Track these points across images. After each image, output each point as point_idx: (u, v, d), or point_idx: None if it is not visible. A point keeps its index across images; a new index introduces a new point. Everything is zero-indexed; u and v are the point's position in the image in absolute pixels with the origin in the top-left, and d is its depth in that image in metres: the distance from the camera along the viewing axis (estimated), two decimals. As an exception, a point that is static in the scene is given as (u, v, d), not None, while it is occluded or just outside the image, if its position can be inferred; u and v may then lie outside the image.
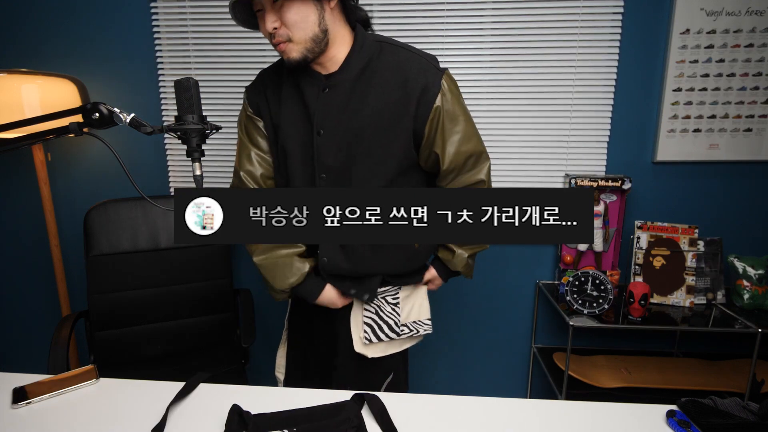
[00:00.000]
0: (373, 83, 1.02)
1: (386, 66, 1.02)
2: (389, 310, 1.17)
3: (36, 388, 0.91)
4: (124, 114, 0.82)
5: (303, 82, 1.05)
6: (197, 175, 0.89)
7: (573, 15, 1.67)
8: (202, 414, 0.86)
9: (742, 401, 0.84)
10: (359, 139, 1.03)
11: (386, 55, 1.03)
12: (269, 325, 2.02)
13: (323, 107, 1.03)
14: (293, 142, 1.07)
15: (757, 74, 1.67)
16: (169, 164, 1.92)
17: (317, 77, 1.04)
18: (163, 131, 0.86)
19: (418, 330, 1.20)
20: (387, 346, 1.18)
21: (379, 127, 1.02)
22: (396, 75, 1.01)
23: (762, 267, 1.67)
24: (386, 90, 1.01)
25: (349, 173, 1.05)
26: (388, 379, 1.22)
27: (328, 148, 1.04)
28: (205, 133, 0.89)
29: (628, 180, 1.67)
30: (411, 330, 1.19)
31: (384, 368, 1.21)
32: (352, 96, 1.02)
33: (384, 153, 1.04)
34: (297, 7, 0.94)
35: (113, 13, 1.80)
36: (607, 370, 1.72)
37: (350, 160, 1.04)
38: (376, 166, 1.05)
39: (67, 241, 1.96)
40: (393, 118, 1.02)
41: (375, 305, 1.17)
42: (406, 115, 1.02)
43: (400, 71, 1.02)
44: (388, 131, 1.03)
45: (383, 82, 1.02)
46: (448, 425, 0.83)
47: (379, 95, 1.02)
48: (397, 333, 1.16)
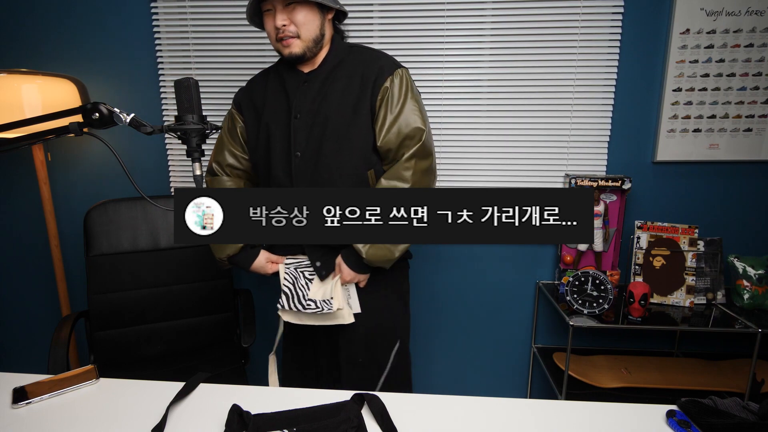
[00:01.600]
0: (340, 75, 1.20)
1: (352, 62, 1.21)
2: (303, 283, 1.26)
3: (36, 388, 0.91)
4: (124, 114, 0.82)
5: (287, 78, 1.23)
6: (197, 175, 0.89)
7: (573, 15, 1.67)
8: (202, 414, 0.86)
9: (742, 401, 0.84)
10: (326, 122, 1.18)
11: (354, 54, 1.23)
12: (269, 325, 2.02)
13: (300, 96, 1.20)
14: (275, 125, 1.23)
15: (757, 74, 1.67)
16: (169, 164, 1.92)
17: (299, 74, 1.22)
18: (163, 131, 0.86)
19: (323, 308, 1.21)
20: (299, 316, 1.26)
21: (342, 111, 1.18)
22: (359, 68, 1.20)
23: (762, 267, 1.67)
24: (350, 81, 1.19)
25: (319, 151, 1.19)
26: (395, 347, 1.32)
27: (302, 129, 1.20)
28: (205, 133, 0.89)
29: (628, 180, 1.67)
30: (318, 307, 1.22)
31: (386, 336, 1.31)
32: (323, 87, 1.20)
33: (348, 133, 1.18)
34: (306, 11, 1.13)
35: (113, 13, 1.80)
36: (607, 370, 1.72)
37: (320, 140, 1.19)
38: (341, 145, 1.18)
39: (67, 241, 1.96)
40: (355, 103, 1.18)
41: (293, 276, 1.27)
42: (364, 98, 1.18)
43: (362, 66, 1.20)
44: (350, 115, 1.18)
45: (348, 74, 1.20)
46: (448, 425, 0.83)
47: (344, 85, 1.19)
48: (303, 306, 1.23)
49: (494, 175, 1.83)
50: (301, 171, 1.20)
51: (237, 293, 1.76)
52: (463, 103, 1.77)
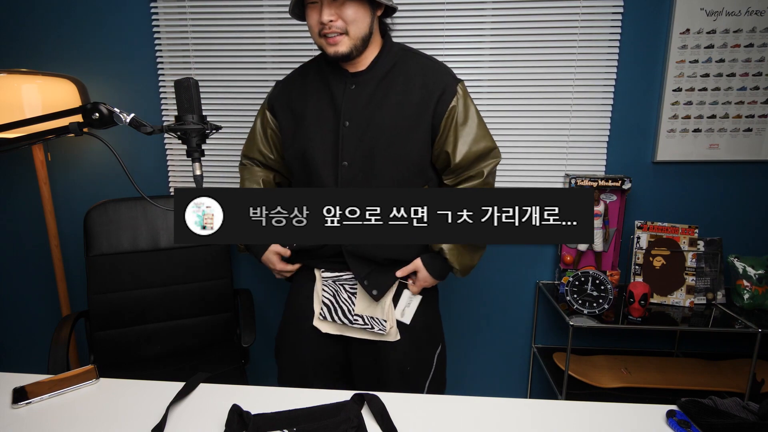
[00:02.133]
0: (397, 83, 1.13)
1: (410, 69, 1.14)
2: (345, 296, 1.22)
3: (36, 388, 0.91)
4: (124, 114, 0.81)
5: (331, 79, 1.16)
6: (197, 175, 0.89)
7: (573, 15, 1.67)
8: (202, 414, 0.86)
9: (742, 401, 0.84)
10: (381, 132, 1.12)
11: (410, 60, 1.16)
12: (269, 325, 2.02)
13: (350, 101, 1.13)
14: (319, 130, 1.16)
15: (757, 74, 1.67)
16: (169, 164, 1.92)
17: (345, 74, 1.15)
18: (163, 131, 0.86)
19: (373, 326, 1.18)
20: (341, 329, 1.22)
21: (400, 122, 1.12)
22: (418, 78, 1.13)
23: (762, 267, 1.67)
24: (408, 89, 1.13)
25: (371, 162, 1.13)
26: (438, 350, 1.29)
27: (352, 138, 1.13)
28: (205, 133, 0.89)
29: (628, 180, 1.67)
30: (366, 323, 1.19)
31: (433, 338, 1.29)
32: (377, 93, 1.13)
33: (403, 147, 1.13)
34: (357, 7, 1.04)
35: (113, 13, 1.80)
36: (607, 370, 1.72)
37: (372, 151, 1.13)
38: (396, 157, 1.13)
39: (67, 241, 1.96)
40: (413, 115, 1.12)
41: (332, 289, 1.23)
42: (426, 112, 1.12)
43: (422, 75, 1.13)
44: (408, 127, 1.13)
45: (406, 82, 1.13)
46: (448, 425, 0.83)
47: (401, 93, 1.12)
48: (350, 320, 1.20)
49: (494, 175, 1.82)
50: (349, 181, 1.14)
51: (237, 293, 1.76)
52: (463, 103, 1.77)
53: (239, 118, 1.84)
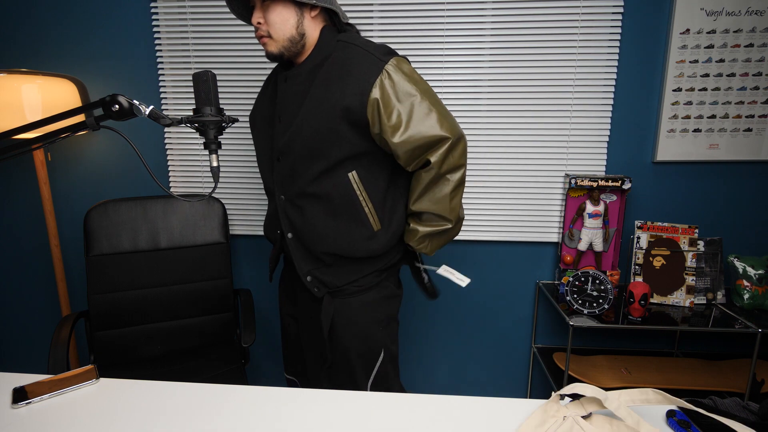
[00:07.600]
0: (319, 76, 1.09)
1: (334, 61, 1.09)
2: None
3: (36, 388, 0.91)
4: (143, 106, 0.82)
5: (278, 77, 1.17)
6: (214, 167, 0.91)
7: (573, 15, 1.67)
8: (202, 414, 0.85)
9: (742, 401, 0.84)
10: (299, 127, 1.10)
11: (338, 51, 1.09)
12: (269, 325, 2.02)
13: (282, 98, 1.15)
14: (264, 129, 1.20)
15: (757, 74, 1.68)
16: (169, 165, 1.92)
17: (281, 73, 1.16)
18: (182, 122, 0.87)
19: None
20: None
21: (318, 115, 1.07)
22: (339, 69, 1.07)
23: (762, 267, 1.67)
24: (330, 83, 1.07)
25: (293, 158, 1.12)
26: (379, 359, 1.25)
27: (281, 134, 1.14)
28: (222, 126, 0.90)
29: (628, 180, 1.67)
30: None
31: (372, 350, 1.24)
32: (302, 88, 1.11)
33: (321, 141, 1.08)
34: (279, 10, 1.05)
35: (113, 13, 1.80)
36: (607, 370, 1.72)
37: (293, 146, 1.11)
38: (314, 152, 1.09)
39: (67, 241, 1.96)
40: (330, 109, 1.06)
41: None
42: (341, 106, 1.05)
43: (344, 65, 1.07)
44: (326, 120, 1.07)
45: (327, 75, 1.08)
46: (447, 425, 0.83)
47: (320, 87, 1.08)
48: None
49: (494, 175, 1.83)
50: (281, 179, 1.16)
51: (237, 293, 1.76)
52: (463, 102, 1.77)
53: (239, 118, 1.84)
